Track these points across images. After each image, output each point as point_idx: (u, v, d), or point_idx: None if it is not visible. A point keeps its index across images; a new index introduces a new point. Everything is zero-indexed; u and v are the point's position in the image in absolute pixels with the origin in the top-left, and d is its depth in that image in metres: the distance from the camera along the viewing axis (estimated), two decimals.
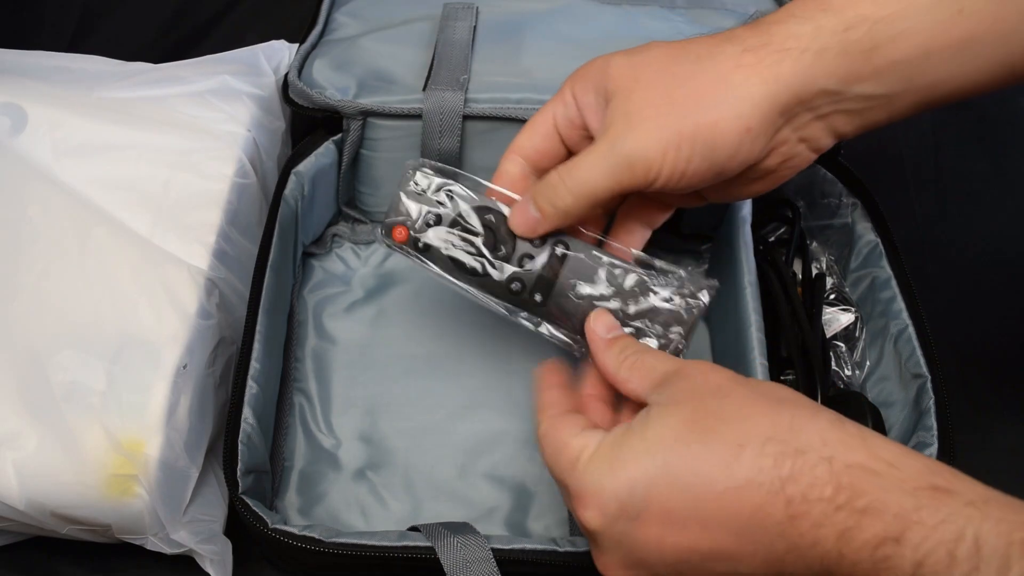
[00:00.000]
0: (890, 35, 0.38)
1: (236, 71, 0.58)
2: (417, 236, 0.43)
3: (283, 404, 0.53)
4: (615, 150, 0.40)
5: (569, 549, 0.41)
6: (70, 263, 0.48)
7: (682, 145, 0.39)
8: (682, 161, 0.39)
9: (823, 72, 0.39)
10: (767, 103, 0.39)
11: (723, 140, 0.39)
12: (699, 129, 0.39)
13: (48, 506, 0.44)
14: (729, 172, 0.41)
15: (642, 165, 0.39)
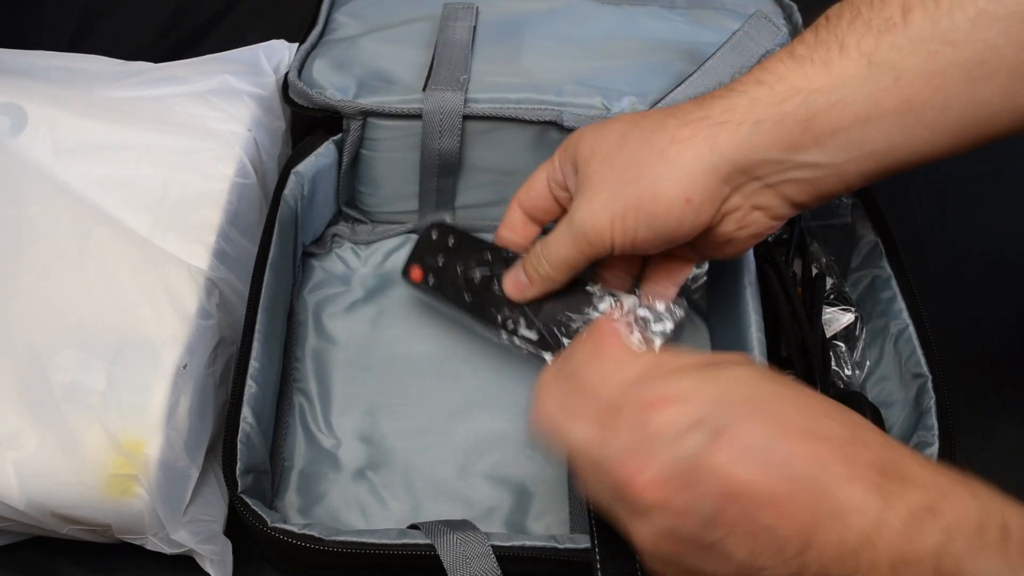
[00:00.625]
0: (825, 104, 0.39)
1: (236, 71, 0.58)
2: (428, 276, 0.51)
3: (283, 404, 0.53)
4: (572, 224, 0.43)
5: (569, 546, 0.41)
6: (70, 263, 0.48)
7: (627, 215, 0.41)
8: (629, 231, 0.41)
9: (761, 143, 0.39)
10: (704, 174, 0.40)
11: (663, 211, 0.41)
12: (641, 201, 0.41)
13: (48, 506, 0.44)
14: (680, 239, 0.42)
15: (595, 235, 0.42)
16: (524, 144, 0.56)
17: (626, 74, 0.56)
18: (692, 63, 0.55)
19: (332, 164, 0.57)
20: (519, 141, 0.55)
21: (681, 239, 0.42)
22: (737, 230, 0.43)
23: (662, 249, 0.43)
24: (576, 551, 0.41)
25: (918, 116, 0.38)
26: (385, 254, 0.60)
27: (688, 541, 0.31)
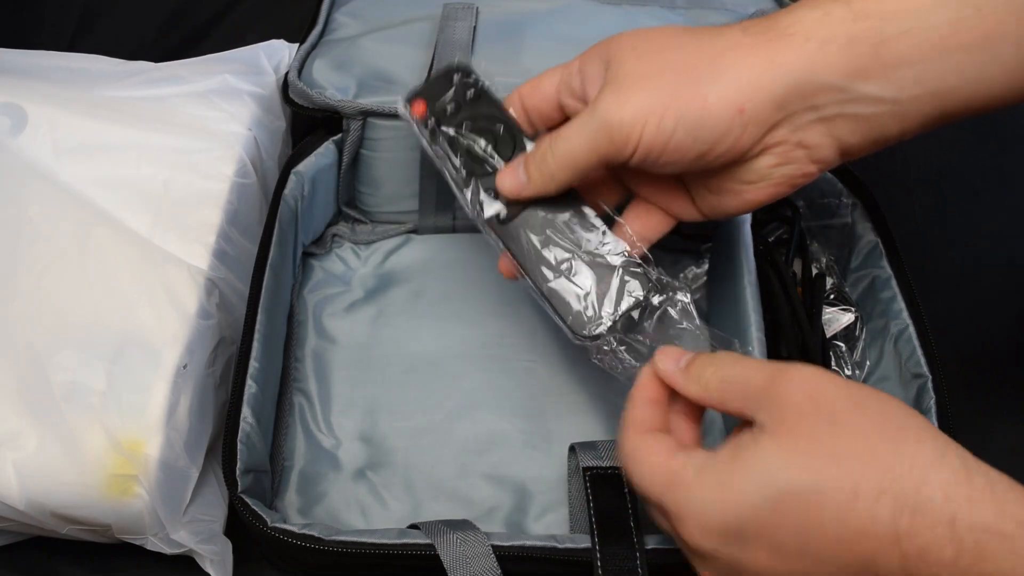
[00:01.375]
0: (898, 31, 0.36)
1: (237, 70, 0.58)
2: (430, 117, 0.45)
3: (283, 404, 0.53)
4: (595, 116, 0.39)
5: (569, 546, 0.41)
6: (70, 263, 0.48)
7: (666, 116, 0.37)
8: (663, 133, 0.37)
9: (826, 64, 0.36)
10: (763, 87, 0.37)
11: (712, 117, 0.37)
12: (687, 102, 0.37)
13: (48, 506, 0.44)
14: (714, 157, 0.39)
15: (620, 133, 0.38)
16: None
17: None
18: None
19: (332, 164, 0.57)
20: None
21: (715, 158, 0.38)
22: (772, 168, 0.39)
23: (689, 167, 0.39)
24: (576, 551, 0.41)
25: (995, 52, 0.36)
26: (385, 254, 0.60)
27: None
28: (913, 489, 0.30)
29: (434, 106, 0.46)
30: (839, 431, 0.32)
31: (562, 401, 0.54)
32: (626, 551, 0.40)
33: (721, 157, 0.39)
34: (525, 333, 0.56)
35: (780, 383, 0.34)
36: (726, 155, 0.38)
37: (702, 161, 0.39)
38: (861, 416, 0.32)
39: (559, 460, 0.50)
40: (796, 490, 0.31)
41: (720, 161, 0.39)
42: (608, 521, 0.41)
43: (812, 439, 0.32)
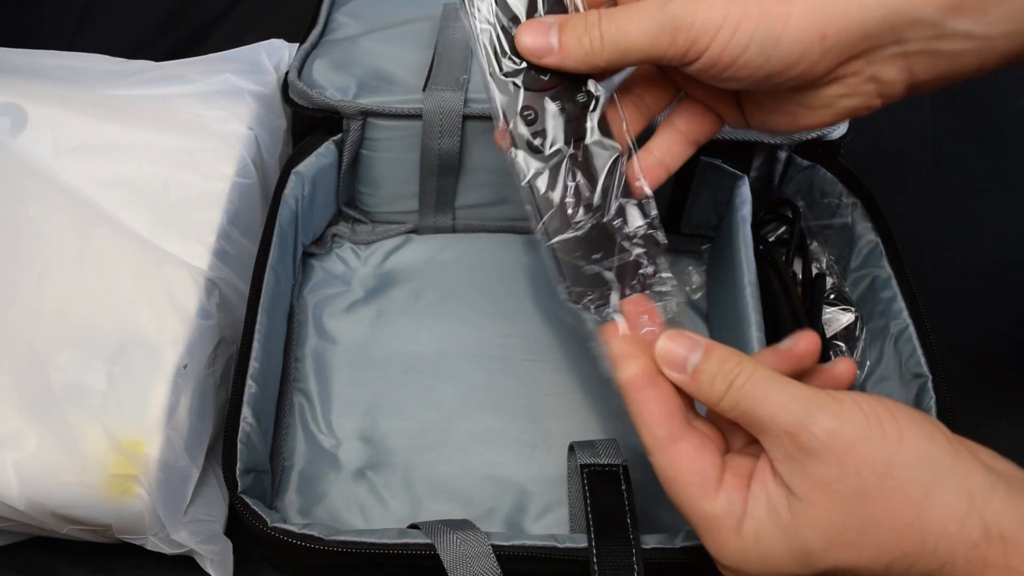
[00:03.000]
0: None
1: (238, 69, 0.58)
2: None
3: (283, 404, 0.53)
4: (666, 8, 0.35)
5: (569, 545, 0.41)
6: (70, 263, 0.48)
7: (743, 26, 0.34)
8: (736, 46, 0.34)
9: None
10: (852, 15, 0.34)
11: (790, 39, 0.34)
12: (768, 16, 0.34)
13: (48, 506, 0.44)
14: (781, 80, 0.36)
15: (688, 34, 0.35)
16: None
17: None
18: None
19: (332, 164, 0.57)
20: None
21: (782, 81, 0.36)
22: (837, 97, 0.37)
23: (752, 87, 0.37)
24: (576, 550, 0.41)
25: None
26: (385, 254, 0.60)
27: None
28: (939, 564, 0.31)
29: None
30: (872, 507, 0.32)
31: (562, 401, 0.54)
32: (622, 548, 0.40)
33: (790, 81, 0.36)
34: (525, 333, 0.56)
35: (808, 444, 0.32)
36: (796, 80, 0.36)
37: (768, 83, 0.36)
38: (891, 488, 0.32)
39: (559, 460, 0.50)
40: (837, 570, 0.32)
41: (787, 85, 0.37)
42: (605, 518, 0.41)
43: (851, 520, 0.32)
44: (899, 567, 0.32)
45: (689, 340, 0.36)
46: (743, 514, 0.34)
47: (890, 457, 0.32)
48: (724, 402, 0.34)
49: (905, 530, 0.31)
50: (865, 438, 0.32)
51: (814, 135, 0.53)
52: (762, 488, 0.34)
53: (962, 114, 0.71)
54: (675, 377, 0.36)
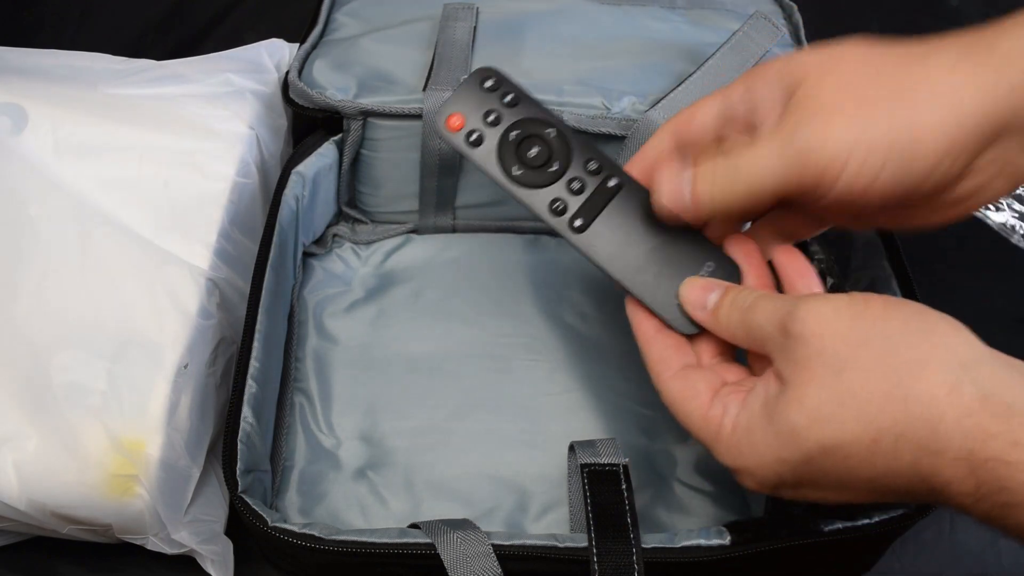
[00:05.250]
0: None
1: (239, 68, 0.59)
2: (472, 130, 0.43)
3: (283, 404, 0.53)
4: (793, 141, 0.34)
5: (569, 545, 0.41)
6: (71, 263, 0.49)
7: (875, 149, 0.33)
8: (871, 169, 0.33)
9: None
10: (977, 118, 0.33)
11: (923, 153, 0.33)
12: (896, 134, 0.33)
13: (49, 506, 0.44)
14: (919, 194, 0.35)
15: (819, 164, 0.34)
16: None
17: (626, 74, 0.56)
18: (692, 63, 0.56)
19: (332, 164, 0.57)
20: None
21: (919, 195, 0.35)
22: (973, 192, 0.35)
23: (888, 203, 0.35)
24: (576, 550, 0.41)
25: None
26: (385, 254, 0.60)
27: None
28: (929, 431, 0.30)
29: (472, 118, 0.44)
30: (849, 378, 0.32)
31: (562, 400, 0.54)
32: (623, 548, 0.40)
33: (925, 193, 0.35)
34: (525, 333, 0.56)
35: (792, 329, 0.33)
36: (931, 191, 0.35)
37: (905, 200, 0.35)
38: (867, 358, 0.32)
39: (559, 459, 0.50)
40: (823, 448, 0.32)
41: (921, 198, 0.35)
42: (605, 518, 0.41)
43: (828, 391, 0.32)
44: (886, 442, 0.31)
45: (710, 283, 0.39)
46: (738, 412, 0.35)
47: (869, 329, 0.32)
48: (738, 330, 0.37)
49: (884, 400, 0.31)
50: (847, 315, 0.33)
51: None
52: (763, 387, 0.35)
53: None
54: (698, 316, 0.39)
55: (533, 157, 0.43)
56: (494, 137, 0.43)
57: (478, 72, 0.44)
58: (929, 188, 0.34)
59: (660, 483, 0.51)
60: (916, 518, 0.43)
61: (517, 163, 0.43)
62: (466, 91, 0.44)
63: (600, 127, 0.54)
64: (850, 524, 0.43)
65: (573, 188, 0.43)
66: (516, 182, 0.43)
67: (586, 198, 0.43)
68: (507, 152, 0.43)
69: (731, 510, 0.50)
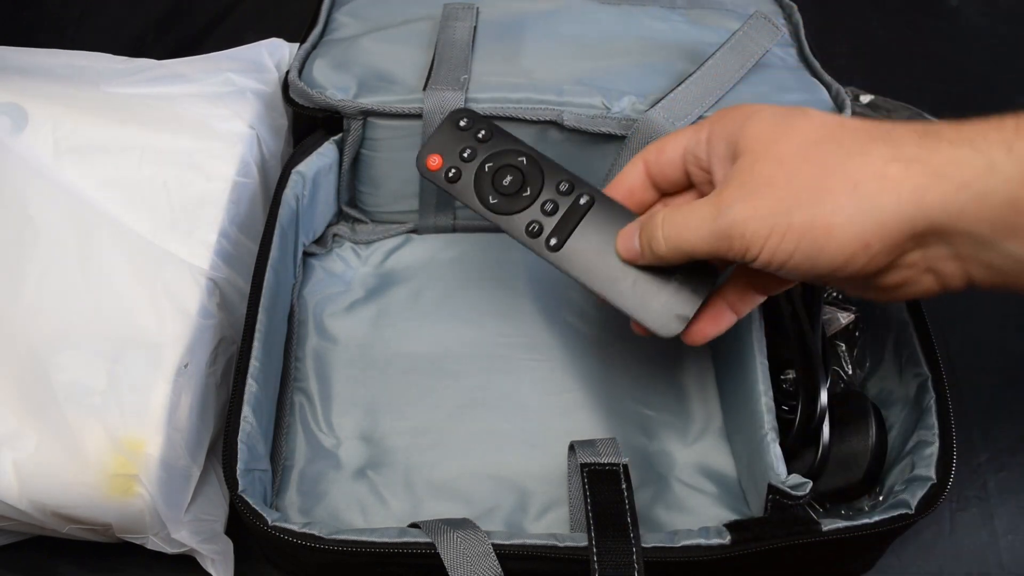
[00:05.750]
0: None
1: (239, 68, 0.58)
2: (450, 167, 0.47)
3: (283, 403, 0.53)
4: (721, 218, 0.38)
5: (569, 544, 0.41)
6: (71, 263, 0.48)
7: (788, 236, 0.36)
8: (782, 253, 0.36)
9: (976, 216, 0.34)
10: (896, 225, 0.35)
11: (834, 247, 0.35)
12: (811, 227, 0.36)
13: (49, 506, 0.44)
14: (832, 279, 0.38)
15: (741, 242, 0.37)
16: None
17: (626, 74, 0.56)
18: (692, 63, 0.56)
19: (332, 164, 0.57)
20: None
21: (833, 280, 0.38)
22: (899, 285, 0.37)
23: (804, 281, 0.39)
24: (577, 549, 0.41)
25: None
26: (385, 254, 0.60)
27: None
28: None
29: (449, 156, 0.47)
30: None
31: (562, 400, 0.54)
32: (623, 547, 0.40)
33: (839, 281, 0.38)
34: (525, 332, 0.56)
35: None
36: (844, 279, 0.37)
37: (820, 281, 0.39)
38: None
39: (559, 459, 0.50)
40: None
41: (840, 282, 0.38)
42: (605, 517, 0.41)
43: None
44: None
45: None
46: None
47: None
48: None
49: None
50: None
51: None
52: None
53: (962, 114, 0.71)
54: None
55: (507, 185, 0.46)
56: (471, 171, 0.47)
57: (452, 114, 0.48)
58: (847, 275, 0.36)
59: (660, 483, 0.51)
60: (916, 518, 0.43)
61: (493, 192, 0.46)
62: (442, 133, 0.47)
63: (600, 127, 0.54)
64: (850, 524, 0.43)
65: (546, 209, 0.45)
66: (493, 210, 0.46)
67: (559, 218, 0.45)
68: (483, 183, 0.46)
69: (731, 510, 0.50)
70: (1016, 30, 0.80)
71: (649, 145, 0.44)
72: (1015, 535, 0.53)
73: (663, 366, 0.55)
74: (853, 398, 0.51)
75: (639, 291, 0.43)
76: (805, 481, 0.44)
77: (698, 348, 0.56)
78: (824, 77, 0.58)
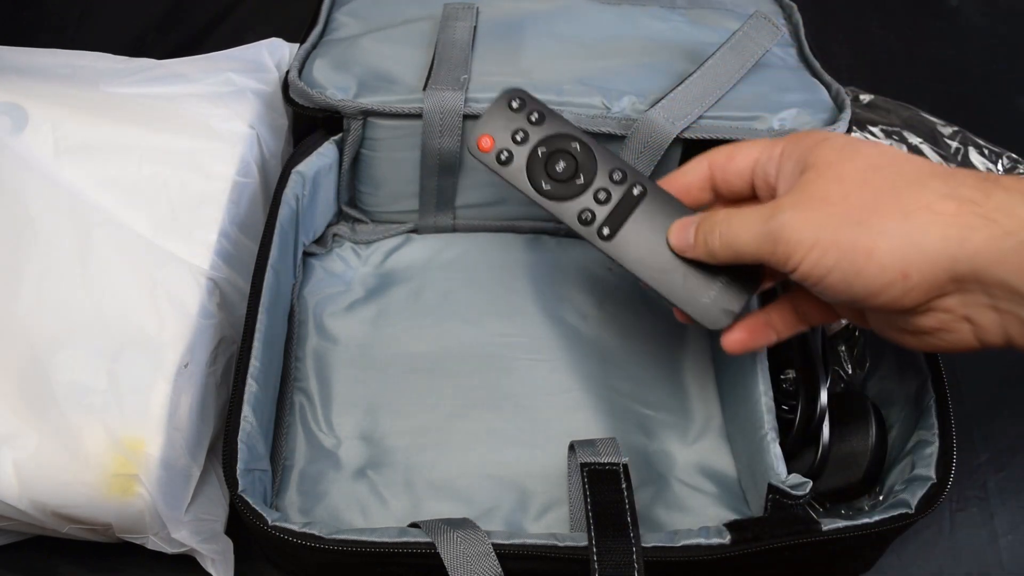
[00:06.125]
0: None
1: (240, 67, 0.59)
2: (502, 149, 0.46)
3: (283, 403, 0.53)
4: (772, 221, 0.38)
5: (569, 544, 0.41)
6: (71, 262, 0.48)
7: (830, 251, 0.36)
8: (821, 267, 0.37)
9: (1017, 267, 0.34)
10: (938, 260, 0.35)
11: (872, 271, 0.36)
12: (854, 246, 0.36)
13: (49, 506, 0.44)
14: (866, 305, 0.37)
15: (785, 249, 0.38)
16: None
17: (626, 74, 0.56)
18: (692, 63, 0.56)
19: (332, 164, 0.57)
20: None
21: (868, 306, 0.37)
22: (935, 330, 0.37)
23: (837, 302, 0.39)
24: (577, 548, 0.41)
25: None
26: (386, 253, 0.60)
27: None
28: None
29: (501, 138, 0.46)
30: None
31: (562, 400, 0.54)
32: (623, 547, 0.40)
33: (874, 307, 0.37)
34: (525, 333, 0.56)
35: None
36: (879, 307, 0.37)
37: (854, 305, 0.38)
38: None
39: (559, 459, 0.50)
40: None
41: (877, 309, 0.38)
42: (605, 517, 0.41)
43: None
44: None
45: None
46: None
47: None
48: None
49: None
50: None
51: None
52: None
53: (962, 114, 0.71)
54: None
55: (560, 171, 0.45)
56: (523, 155, 0.46)
57: (505, 94, 0.46)
58: (877, 304, 0.37)
59: (660, 482, 0.51)
60: (916, 518, 0.43)
61: (546, 178, 0.45)
62: (494, 112, 0.46)
63: (600, 126, 0.54)
64: (850, 524, 0.43)
65: (599, 198, 0.45)
66: (546, 196, 0.45)
67: (612, 207, 0.45)
68: (536, 168, 0.45)
69: (731, 510, 0.50)
70: (1016, 30, 0.80)
71: (718, 148, 0.44)
72: (1015, 535, 0.53)
73: (663, 366, 0.55)
74: (853, 398, 0.51)
75: (689, 284, 0.44)
76: (805, 481, 0.44)
77: (698, 348, 0.56)
78: (824, 77, 0.58)
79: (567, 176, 0.45)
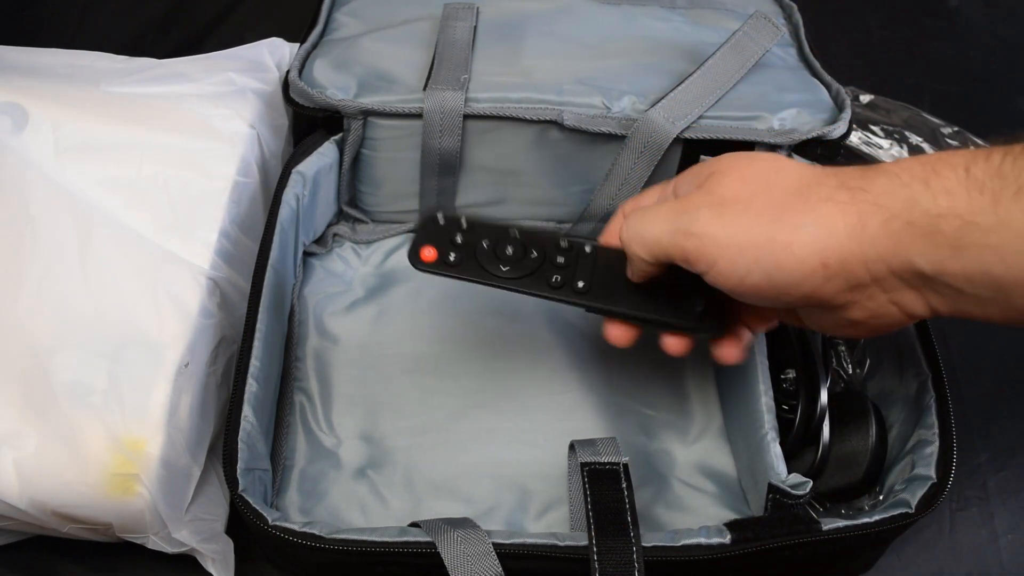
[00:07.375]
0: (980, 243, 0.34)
1: (240, 67, 0.58)
2: (447, 253, 0.46)
3: (284, 403, 0.53)
4: (684, 215, 0.39)
5: (570, 543, 0.41)
6: (71, 262, 0.48)
7: (746, 251, 0.37)
8: (740, 267, 0.37)
9: (911, 245, 0.35)
10: (850, 248, 0.36)
11: (792, 263, 0.36)
12: (770, 243, 0.37)
13: (49, 505, 0.44)
14: (790, 299, 0.38)
15: (696, 246, 0.38)
16: (524, 144, 0.56)
17: (626, 74, 0.56)
18: (692, 63, 0.56)
19: (333, 164, 0.57)
20: (519, 140, 0.55)
21: (791, 300, 0.38)
22: (868, 318, 0.38)
23: (760, 303, 0.40)
24: (577, 548, 0.41)
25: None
26: (386, 253, 0.60)
27: None
28: None
29: (443, 246, 0.46)
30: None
31: (562, 400, 0.54)
32: (623, 546, 0.40)
33: (802, 299, 0.38)
34: (525, 332, 0.56)
35: None
36: (802, 300, 0.38)
37: (777, 301, 0.39)
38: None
39: (559, 458, 0.50)
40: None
41: (803, 302, 0.38)
42: (606, 516, 0.41)
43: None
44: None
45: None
46: None
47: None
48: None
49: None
50: None
51: (815, 134, 0.53)
52: None
53: (962, 115, 0.71)
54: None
55: (512, 254, 0.46)
56: (470, 253, 0.46)
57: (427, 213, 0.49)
58: (799, 297, 0.37)
59: (660, 482, 0.51)
60: (916, 517, 0.43)
61: (503, 262, 0.46)
62: (427, 226, 0.47)
63: (600, 127, 0.54)
64: (850, 523, 0.43)
65: (559, 263, 0.46)
66: (508, 277, 0.46)
67: (576, 267, 0.46)
68: (487, 259, 0.46)
69: (731, 509, 0.50)
70: (1016, 30, 0.80)
71: (627, 200, 0.47)
72: (1015, 535, 0.53)
73: (663, 366, 0.56)
74: (853, 398, 0.51)
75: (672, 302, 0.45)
76: (805, 480, 0.44)
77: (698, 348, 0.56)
78: (824, 77, 0.58)
79: (520, 256, 0.46)
